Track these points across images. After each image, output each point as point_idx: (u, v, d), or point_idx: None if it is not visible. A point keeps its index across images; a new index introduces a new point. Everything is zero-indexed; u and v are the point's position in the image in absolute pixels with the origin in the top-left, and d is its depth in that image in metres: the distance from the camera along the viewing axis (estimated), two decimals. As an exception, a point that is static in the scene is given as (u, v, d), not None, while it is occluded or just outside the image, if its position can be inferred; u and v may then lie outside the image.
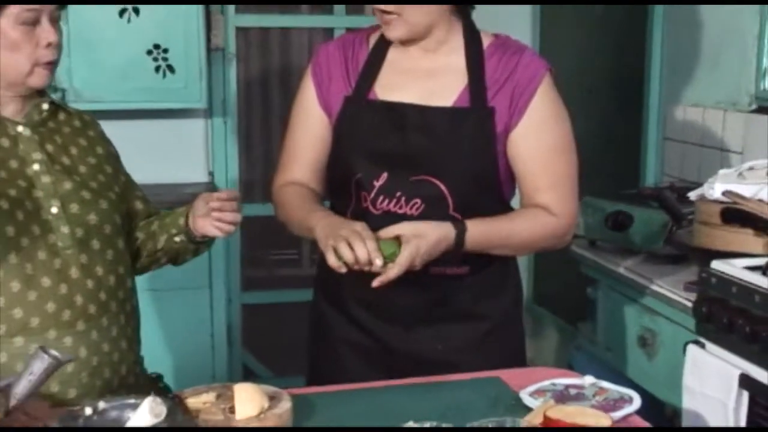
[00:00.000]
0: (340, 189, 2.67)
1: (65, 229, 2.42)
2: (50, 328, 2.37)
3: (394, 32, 2.54)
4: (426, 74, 2.62)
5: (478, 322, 2.67)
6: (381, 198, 2.58)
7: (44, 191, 2.43)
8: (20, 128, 2.46)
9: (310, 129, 2.72)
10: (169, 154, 5.49)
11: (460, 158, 2.56)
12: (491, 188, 2.62)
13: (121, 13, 4.90)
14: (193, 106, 5.26)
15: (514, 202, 2.77)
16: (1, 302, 2.34)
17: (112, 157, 2.72)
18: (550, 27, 5.53)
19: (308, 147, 2.72)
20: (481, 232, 2.49)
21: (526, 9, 5.63)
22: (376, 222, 2.53)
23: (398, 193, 2.57)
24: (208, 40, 5.17)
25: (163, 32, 4.98)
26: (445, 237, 2.42)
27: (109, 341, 2.47)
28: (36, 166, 2.44)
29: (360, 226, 2.40)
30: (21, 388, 2.01)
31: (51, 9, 2.38)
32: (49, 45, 2.38)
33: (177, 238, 2.72)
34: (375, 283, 2.36)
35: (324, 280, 2.78)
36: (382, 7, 2.49)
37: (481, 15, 2.61)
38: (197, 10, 5.00)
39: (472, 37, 2.63)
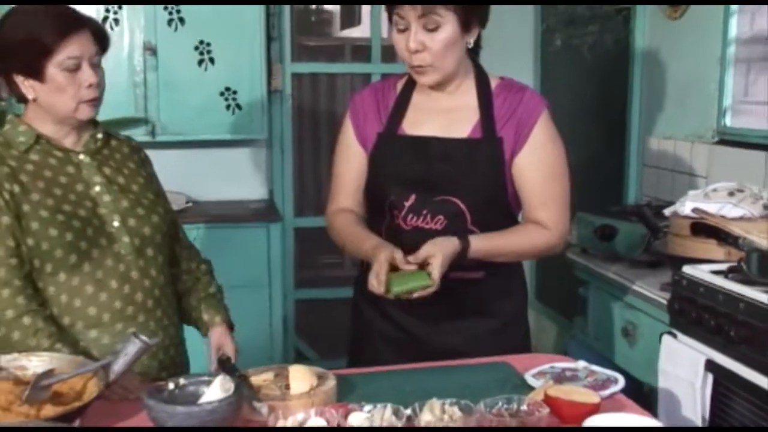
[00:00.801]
0: (377, 209, 2.66)
1: (126, 240, 2.42)
2: (117, 322, 2.38)
3: (427, 79, 2.52)
4: (445, 111, 2.60)
5: (491, 319, 2.64)
6: (410, 216, 2.56)
7: (107, 209, 2.42)
8: (81, 156, 2.45)
9: (351, 162, 2.69)
10: (237, 176, 5.51)
11: (475, 181, 2.53)
12: (501, 205, 2.59)
13: (200, 62, 4.95)
14: (256, 137, 5.29)
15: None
16: (78, 303, 2.35)
17: (154, 177, 2.67)
18: (549, 71, 5.51)
19: (350, 178, 2.69)
20: (483, 245, 2.47)
21: (529, 56, 5.62)
22: (407, 235, 2.55)
23: (425, 211, 2.55)
24: (269, 83, 5.19)
25: (233, 78, 5.02)
26: (454, 250, 2.41)
27: (162, 329, 2.47)
28: (97, 188, 2.43)
29: (380, 261, 2.39)
30: (118, 366, 2.05)
31: (90, 55, 2.35)
32: (90, 86, 2.34)
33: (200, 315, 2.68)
34: (415, 295, 2.35)
35: (363, 280, 2.62)
36: (419, 61, 2.47)
37: (492, 60, 2.60)
38: (261, 60, 5.03)
39: (481, 79, 2.62)
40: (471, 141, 2.56)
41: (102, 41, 2.40)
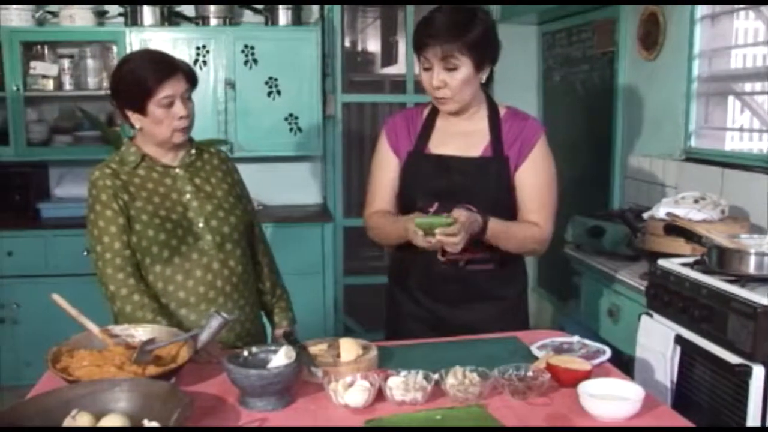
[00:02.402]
0: (407, 213, 2.57)
1: (208, 237, 2.44)
2: (201, 303, 2.42)
3: (448, 108, 2.52)
4: (463, 135, 2.58)
5: (500, 301, 2.62)
6: None
7: (194, 212, 2.44)
8: (177, 170, 2.47)
9: (386, 171, 2.66)
10: (297, 184, 5.55)
11: (486, 190, 2.53)
12: (507, 209, 2.56)
13: (269, 94, 4.99)
14: (313, 154, 5.30)
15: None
16: (170, 288, 2.40)
17: (239, 184, 2.65)
18: (549, 102, 5.49)
19: (386, 183, 2.66)
20: (496, 224, 2.44)
21: (533, 89, 5.60)
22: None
23: (446, 215, 2.49)
24: (324, 110, 5.20)
25: (295, 106, 5.05)
26: (476, 220, 2.38)
27: (238, 308, 2.49)
28: (188, 195, 2.46)
29: (411, 217, 2.37)
30: (204, 337, 2.10)
31: (182, 92, 2.37)
32: (181, 117, 2.37)
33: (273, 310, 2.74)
34: (438, 231, 2.29)
35: (396, 271, 2.73)
36: (441, 95, 2.47)
37: (505, 92, 2.59)
38: (317, 91, 5.07)
39: (492, 108, 2.60)
40: (483, 159, 2.55)
41: (192, 80, 2.43)
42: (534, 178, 2.57)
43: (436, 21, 2.44)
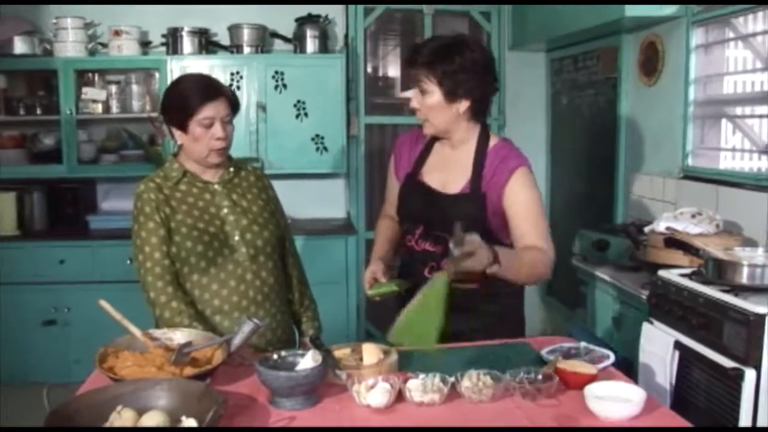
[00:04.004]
0: (402, 230, 2.65)
1: (243, 250, 2.43)
2: (235, 311, 2.41)
3: (426, 130, 2.44)
4: (449, 166, 2.49)
5: (485, 315, 2.50)
6: (420, 240, 2.53)
7: (230, 226, 2.43)
8: (216, 186, 2.47)
9: (391, 185, 2.67)
10: (323, 199, 5.55)
11: (462, 221, 2.19)
12: (485, 234, 2.25)
13: (297, 116, 5.02)
14: (338, 171, 5.31)
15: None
16: (206, 296, 2.40)
17: (274, 200, 2.63)
18: (557, 124, 5.46)
19: (392, 197, 2.65)
20: (503, 249, 2.20)
21: (542, 112, 5.56)
22: (418, 255, 2.53)
23: (429, 240, 2.50)
24: (348, 131, 5.22)
25: (321, 127, 5.08)
26: (488, 253, 2.12)
27: (269, 316, 2.47)
28: (225, 210, 2.45)
29: (370, 270, 2.55)
30: (237, 341, 2.09)
31: (223, 116, 2.37)
32: (218, 139, 2.37)
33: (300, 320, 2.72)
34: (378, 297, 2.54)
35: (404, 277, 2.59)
36: (417, 114, 2.41)
37: (516, 116, 2.54)
38: (342, 113, 5.09)
39: (482, 140, 2.46)
40: (461, 196, 2.45)
41: (234, 105, 2.44)
42: (512, 210, 2.40)
43: (423, 47, 2.40)
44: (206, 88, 2.39)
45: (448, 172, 2.50)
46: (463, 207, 2.44)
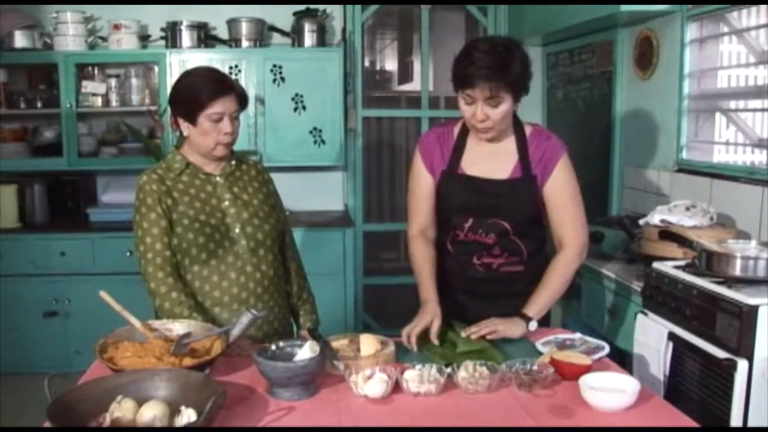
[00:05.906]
0: (444, 227, 2.61)
1: (243, 242, 2.43)
2: (234, 303, 2.41)
3: (488, 136, 2.47)
4: (492, 155, 2.52)
5: (529, 296, 2.48)
6: (469, 233, 2.54)
7: (231, 218, 2.43)
8: (218, 178, 2.47)
9: (423, 188, 2.59)
10: (321, 192, 5.54)
11: (516, 208, 2.50)
12: (535, 222, 2.55)
13: (295, 109, 5.01)
14: (336, 164, 5.28)
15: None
16: (206, 288, 2.40)
17: (274, 194, 2.64)
18: (553, 117, 5.42)
19: (423, 199, 2.60)
20: (537, 305, 2.41)
21: (539, 106, 5.53)
22: (466, 246, 2.56)
23: (480, 230, 2.52)
24: (346, 124, 5.21)
25: (319, 120, 5.07)
26: (519, 326, 2.34)
27: (267, 309, 2.47)
28: (226, 202, 2.45)
29: (426, 318, 2.31)
30: (235, 332, 2.09)
31: (231, 111, 2.37)
32: (226, 134, 2.37)
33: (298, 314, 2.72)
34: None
35: (439, 274, 2.57)
36: (484, 125, 2.41)
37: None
38: (340, 107, 5.08)
39: (518, 128, 2.54)
40: (512, 180, 2.50)
41: (243, 102, 2.43)
42: (559, 195, 2.51)
43: (480, 61, 2.34)
44: (218, 83, 2.38)
45: (493, 160, 2.53)
46: (518, 189, 2.51)
